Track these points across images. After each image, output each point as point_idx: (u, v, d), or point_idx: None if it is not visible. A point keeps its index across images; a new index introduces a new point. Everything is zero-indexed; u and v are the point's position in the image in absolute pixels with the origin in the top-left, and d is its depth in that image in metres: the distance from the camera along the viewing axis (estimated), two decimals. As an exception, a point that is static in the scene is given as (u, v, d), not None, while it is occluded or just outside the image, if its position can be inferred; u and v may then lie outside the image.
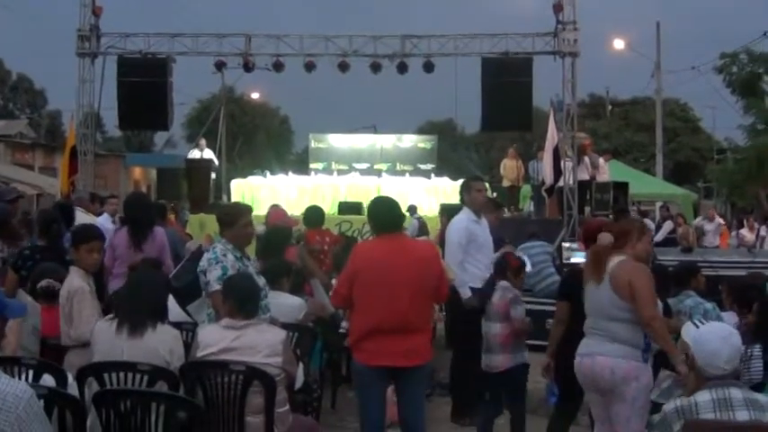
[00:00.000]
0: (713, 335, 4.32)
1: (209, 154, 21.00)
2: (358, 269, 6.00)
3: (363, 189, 19.57)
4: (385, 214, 6.17)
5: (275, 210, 11.87)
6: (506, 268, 7.53)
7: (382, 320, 5.82)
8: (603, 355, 5.46)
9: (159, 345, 5.32)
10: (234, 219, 6.43)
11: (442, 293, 6.29)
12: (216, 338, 5.44)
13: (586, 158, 18.37)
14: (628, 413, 5.37)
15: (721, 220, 24.61)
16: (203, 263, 6.22)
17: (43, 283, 6.59)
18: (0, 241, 8.91)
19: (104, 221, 10.90)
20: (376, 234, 6.23)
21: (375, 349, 5.88)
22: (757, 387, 4.84)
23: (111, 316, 5.54)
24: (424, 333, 6.12)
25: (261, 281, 6.25)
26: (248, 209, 6.84)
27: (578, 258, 11.13)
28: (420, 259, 6.03)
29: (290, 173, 23.33)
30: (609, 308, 5.48)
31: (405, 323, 5.83)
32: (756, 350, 5.55)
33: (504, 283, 7.42)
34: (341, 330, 8.02)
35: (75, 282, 6.16)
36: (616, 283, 5.43)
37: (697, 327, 4.44)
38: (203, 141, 21.89)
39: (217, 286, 5.98)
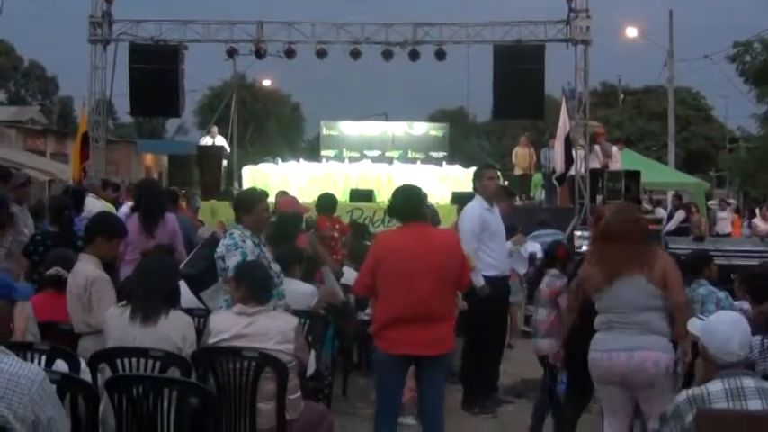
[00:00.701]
0: (723, 323, 4.34)
1: (220, 141, 21.02)
2: (380, 258, 6.01)
3: (374, 177, 19.52)
4: (405, 203, 6.19)
5: (284, 197, 11.89)
6: (555, 257, 7.63)
7: (404, 310, 5.83)
8: (645, 348, 5.44)
9: (172, 331, 5.33)
10: (251, 205, 6.46)
11: (464, 281, 6.30)
12: (228, 325, 5.46)
13: (597, 147, 18.33)
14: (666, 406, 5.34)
15: (733, 201, 24.69)
16: (221, 249, 6.23)
17: (51, 270, 6.59)
18: None
19: (127, 210, 10.85)
20: (400, 222, 6.23)
21: (397, 338, 5.89)
22: (770, 376, 4.82)
23: (123, 303, 5.55)
24: (448, 322, 6.09)
25: (276, 267, 6.27)
26: (264, 194, 6.89)
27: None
28: (441, 247, 6.04)
29: (302, 160, 23.24)
30: (644, 298, 5.48)
31: (427, 312, 5.83)
32: None
33: (553, 270, 7.50)
34: (365, 317, 8.00)
35: (93, 270, 6.17)
36: (651, 271, 5.45)
37: (702, 320, 4.47)
38: (215, 128, 21.91)
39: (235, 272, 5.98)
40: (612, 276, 5.62)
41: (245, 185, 18.60)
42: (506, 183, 18.32)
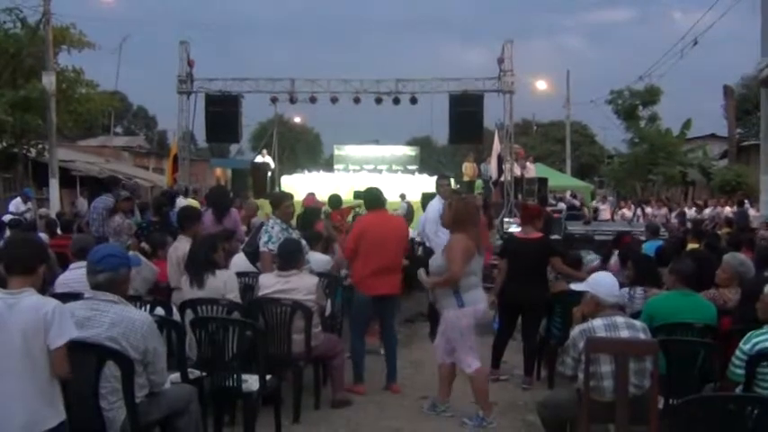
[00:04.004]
0: (606, 277, 4.42)
1: (267, 159, 20.99)
2: (362, 231, 6.18)
3: (370, 183, 19.50)
4: (375, 198, 6.39)
5: (310, 196, 11.89)
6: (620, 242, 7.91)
7: (380, 265, 6.07)
8: None
9: (220, 285, 5.30)
10: (280, 202, 6.52)
11: (406, 247, 6.85)
12: (271, 283, 5.48)
13: (510, 164, 18.21)
14: None
15: (611, 198, 24.76)
16: (260, 233, 6.37)
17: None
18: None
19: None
20: (368, 210, 6.41)
21: (376, 284, 6.10)
22: (636, 315, 4.85)
23: None
24: (400, 273, 6.43)
25: (303, 242, 6.29)
26: (290, 195, 6.91)
27: (513, 228, 11.16)
28: (397, 225, 6.49)
29: (321, 171, 23.40)
30: None
31: (391, 266, 6.17)
32: (638, 291, 5.54)
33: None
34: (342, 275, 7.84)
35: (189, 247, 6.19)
36: None
37: (579, 284, 4.45)
38: (264, 150, 21.90)
39: (263, 248, 6.13)
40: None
41: (283, 189, 18.58)
42: (458, 186, 18.30)
